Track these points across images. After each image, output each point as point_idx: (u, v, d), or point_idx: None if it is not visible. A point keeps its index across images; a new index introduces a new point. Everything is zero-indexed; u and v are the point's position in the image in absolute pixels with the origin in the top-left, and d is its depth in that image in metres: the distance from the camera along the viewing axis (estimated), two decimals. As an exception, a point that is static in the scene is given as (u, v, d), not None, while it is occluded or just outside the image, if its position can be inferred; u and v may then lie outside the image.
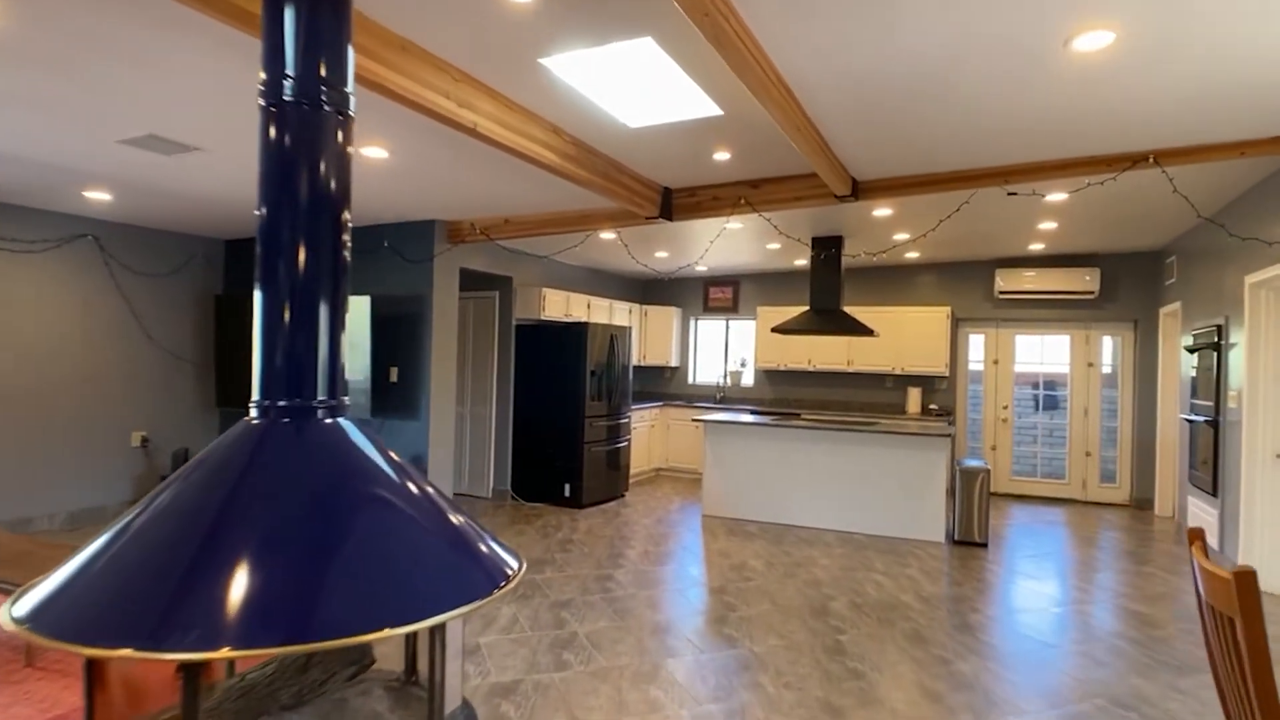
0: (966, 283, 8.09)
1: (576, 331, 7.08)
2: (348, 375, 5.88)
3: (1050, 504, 7.66)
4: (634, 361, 9.09)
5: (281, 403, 1.70)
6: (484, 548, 1.80)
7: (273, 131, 1.68)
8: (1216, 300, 5.41)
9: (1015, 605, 4.41)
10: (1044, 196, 5.07)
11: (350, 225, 1.91)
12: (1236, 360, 4.99)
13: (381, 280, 6.29)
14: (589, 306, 8.11)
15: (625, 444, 7.69)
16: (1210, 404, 5.38)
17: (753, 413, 8.28)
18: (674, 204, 5.20)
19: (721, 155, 4.33)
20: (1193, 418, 5.76)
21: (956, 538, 5.92)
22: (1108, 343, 7.67)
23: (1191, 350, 5.82)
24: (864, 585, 4.78)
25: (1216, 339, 5.26)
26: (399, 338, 6.19)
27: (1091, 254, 7.49)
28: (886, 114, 3.56)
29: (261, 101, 1.69)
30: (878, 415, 7.89)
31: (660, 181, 4.98)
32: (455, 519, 1.80)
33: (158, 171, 4.61)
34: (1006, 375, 8.03)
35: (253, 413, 1.70)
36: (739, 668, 3.46)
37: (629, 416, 7.81)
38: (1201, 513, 5.59)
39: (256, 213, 1.69)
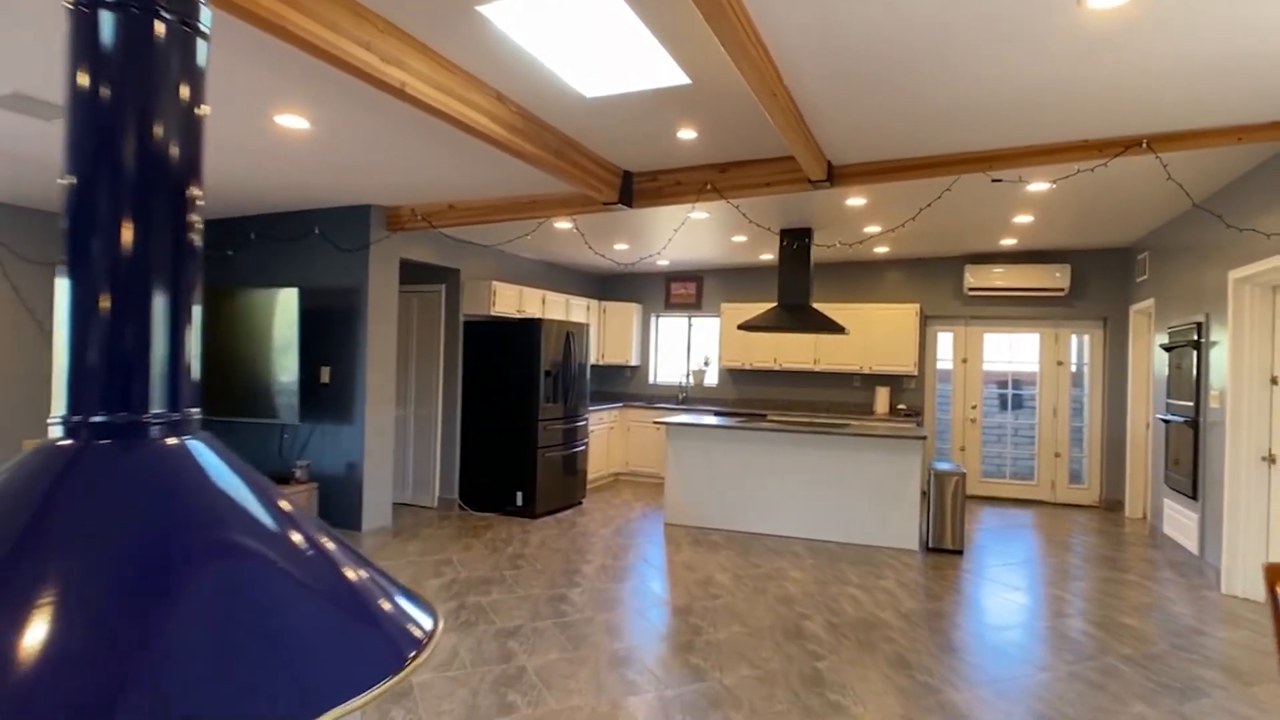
0: (935, 279, 7.86)
1: (530, 328, 6.61)
2: (279, 375, 5.33)
3: (1019, 506, 7.48)
4: (592, 360, 8.66)
5: (99, 418, 1.22)
6: (389, 606, 1.34)
7: (84, 52, 1.21)
8: (1196, 297, 5.22)
9: (1000, 621, 4.12)
10: (1026, 186, 4.80)
11: (200, 200, 1.38)
12: (1218, 359, 4.79)
13: (312, 271, 5.74)
14: (544, 302, 7.65)
15: (582, 448, 7.26)
16: (1189, 404, 5.19)
17: (716, 414, 7.92)
18: (634, 189, 4.79)
19: (687, 134, 3.93)
20: (1169, 418, 5.58)
21: (931, 545, 5.64)
22: (1076, 341, 7.52)
23: (1167, 348, 5.64)
24: (839, 601, 4.44)
25: (1196, 337, 5.06)
26: (331, 334, 5.64)
27: (1062, 250, 7.32)
28: (871, 86, 3.21)
29: (67, 3, 1.22)
30: (845, 416, 7.61)
31: (619, 164, 4.56)
32: (352, 572, 1.34)
33: (38, 140, 4.01)
34: (975, 374, 7.82)
35: (55, 431, 1.22)
36: (708, 705, 3.07)
37: (586, 419, 7.38)
38: (1179, 516, 5.41)
39: (61, 180, 1.18)
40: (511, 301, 7.10)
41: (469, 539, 5.80)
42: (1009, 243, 6.92)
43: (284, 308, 5.41)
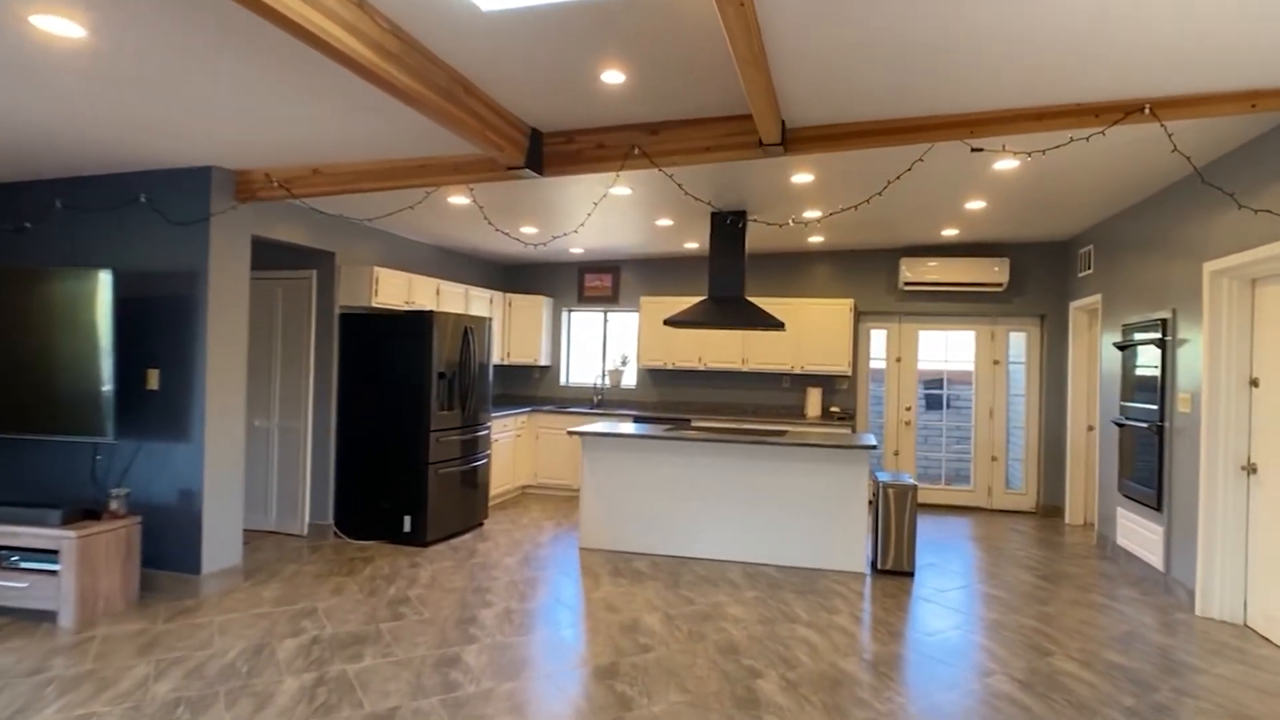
0: (869, 273, 7.35)
1: (420, 323, 5.61)
2: (88, 381, 4.11)
3: (956, 513, 7.08)
4: (495, 360, 7.69)
5: None
6: None
7: None
8: (1158, 291, 4.84)
9: (979, 663, 3.51)
10: (993, 164, 4.26)
11: None
12: (1190, 359, 4.40)
13: (135, 249, 4.55)
14: (438, 292, 6.63)
15: (484, 461, 6.30)
16: (1151, 407, 4.80)
17: (635, 419, 7.15)
18: (545, 152, 3.91)
19: (613, 76, 3.10)
20: (1124, 421, 5.20)
21: (880, 567, 5.05)
22: (1015, 339, 7.18)
23: (1122, 347, 5.26)
24: (791, 646, 3.73)
25: (1161, 334, 4.67)
26: (160, 329, 4.48)
27: (1001, 243, 6.95)
28: (856, 12, 2.47)
29: None
30: (775, 419, 6.99)
31: (527, 119, 3.68)
32: None
33: None
34: (910, 374, 7.38)
35: None
36: (650, 831, 2.26)
37: (489, 427, 6.43)
38: (1139, 528, 5.03)
39: None
40: (398, 291, 6.06)
41: (342, 577, 4.77)
42: (950, 233, 6.46)
43: (96, 295, 4.22)
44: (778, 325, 5.42)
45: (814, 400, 7.23)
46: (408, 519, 5.56)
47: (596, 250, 7.59)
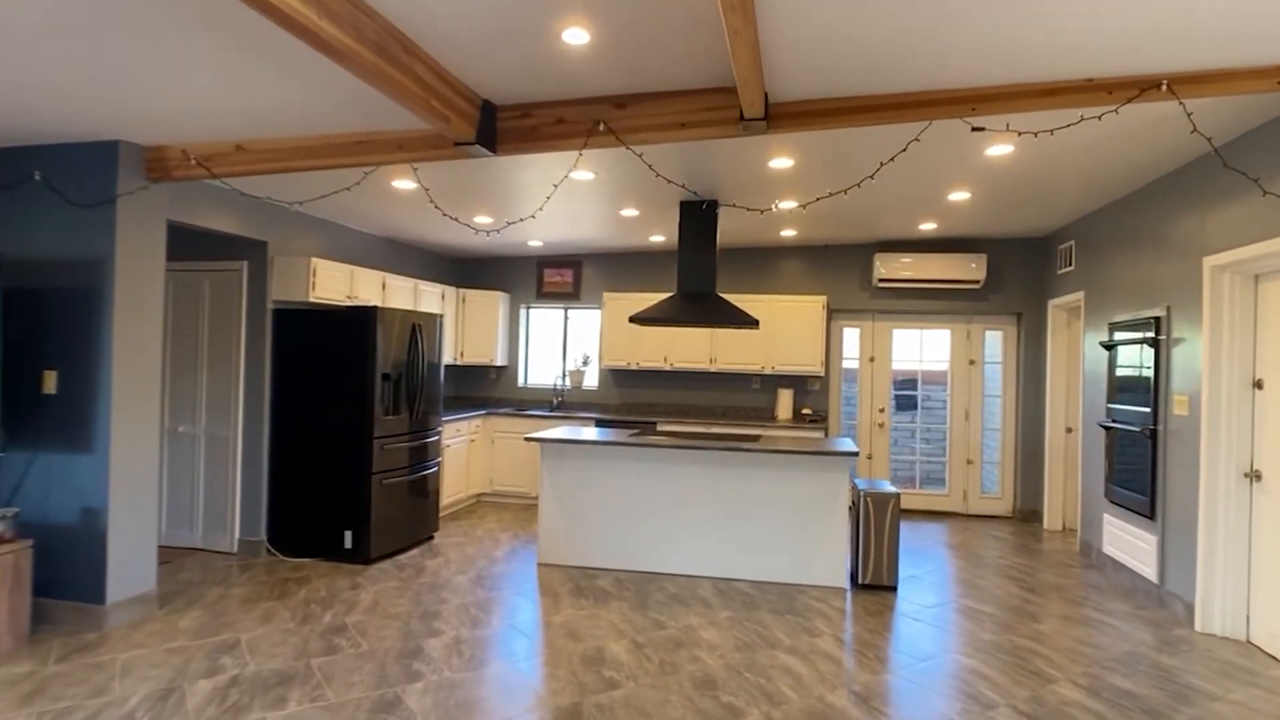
0: (843, 269, 7.07)
1: (362, 319, 5.12)
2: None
3: (931, 518, 6.83)
4: (448, 360, 7.20)
5: None
6: None
7: None
8: (1151, 288, 4.62)
9: (980, 693, 3.20)
10: (985, 151, 3.96)
11: None
12: (1187, 359, 4.17)
13: (27, 234, 3.99)
14: (384, 287, 6.13)
15: (434, 469, 5.83)
16: (1143, 410, 4.57)
17: (598, 422, 6.75)
18: (499, 128, 3.49)
19: (576, 35, 2.69)
20: (1111, 424, 4.98)
21: (861, 581, 4.74)
22: (991, 337, 6.96)
23: (1109, 346, 5.04)
24: (773, 677, 3.37)
25: (1154, 333, 4.44)
26: (59, 325, 3.93)
27: (978, 238, 6.72)
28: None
29: None
30: (745, 421, 6.65)
31: (478, 89, 3.25)
32: None
33: None
34: (884, 374, 7.11)
35: None
36: None
37: (439, 432, 5.95)
38: (1129, 537, 4.80)
39: None
40: (339, 285, 5.54)
41: (272, 602, 4.27)
42: (928, 227, 6.19)
43: (-23, 285, 3.67)
44: (751, 323, 5.07)
45: (785, 402, 6.91)
46: (349, 534, 5.07)
47: (557, 243, 7.16)
